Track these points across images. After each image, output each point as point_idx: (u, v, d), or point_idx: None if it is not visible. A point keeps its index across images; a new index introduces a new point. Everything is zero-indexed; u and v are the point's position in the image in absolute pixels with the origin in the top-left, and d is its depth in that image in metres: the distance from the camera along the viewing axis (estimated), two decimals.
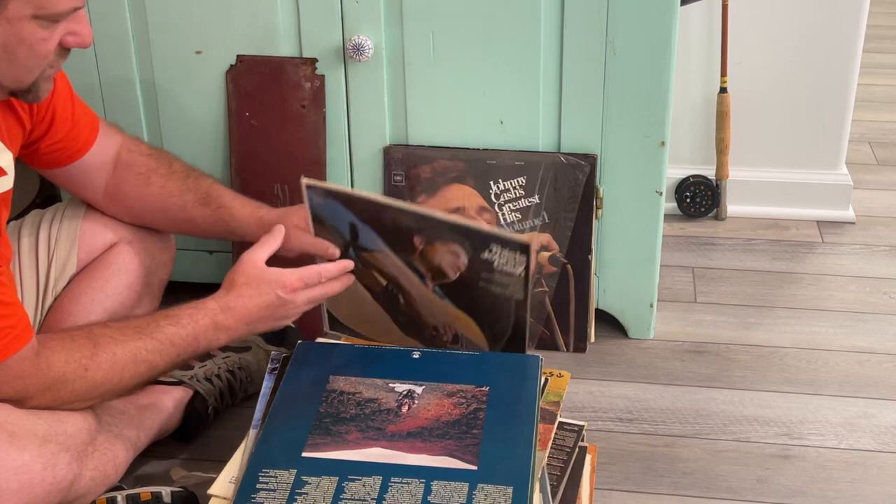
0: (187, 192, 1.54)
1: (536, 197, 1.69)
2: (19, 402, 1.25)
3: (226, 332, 1.38)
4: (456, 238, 1.33)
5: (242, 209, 1.53)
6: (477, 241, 1.32)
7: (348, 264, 1.41)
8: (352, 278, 1.42)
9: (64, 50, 1.22)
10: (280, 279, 1.36)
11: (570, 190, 1.68)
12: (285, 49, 1.69)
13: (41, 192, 1.94)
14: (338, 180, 1.76)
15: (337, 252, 1.44)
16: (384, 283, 1.43)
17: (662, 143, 1.65)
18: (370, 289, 1.45)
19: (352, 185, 1.77)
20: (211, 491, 1.23)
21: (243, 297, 1.36)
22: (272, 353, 1.43)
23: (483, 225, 1.48)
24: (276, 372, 1.40)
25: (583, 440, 1.37)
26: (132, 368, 1.31)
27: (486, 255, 1.32)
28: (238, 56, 1.70)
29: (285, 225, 1.47)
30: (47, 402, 1.28)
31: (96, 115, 1.50)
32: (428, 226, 1.34)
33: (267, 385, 1.38)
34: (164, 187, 1.53)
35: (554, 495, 1.27)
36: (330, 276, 1.39)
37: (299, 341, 1.42)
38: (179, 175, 1.54)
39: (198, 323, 1.35)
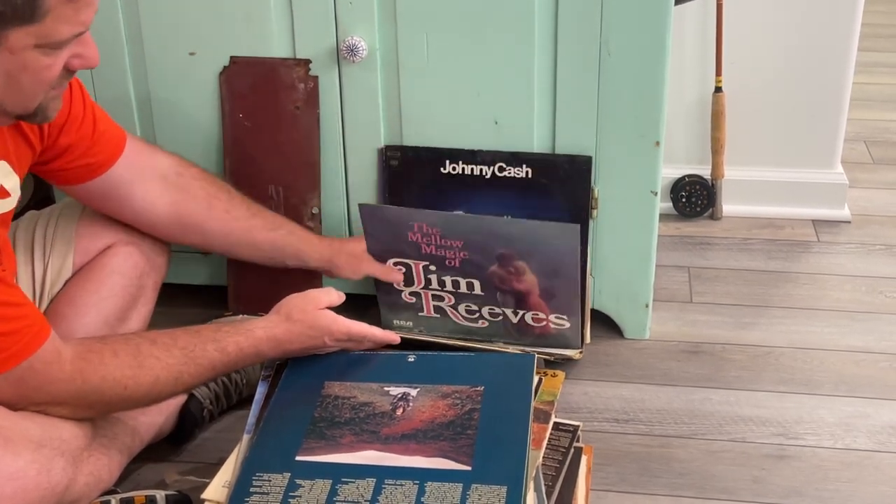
0: (254, 218, 1.61)
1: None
2: (54, 407, 1.27)
3: (262, 359, 1.41)
4: None
5: (312, 236, 1.66)
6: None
7: (395, 338, 1.46)
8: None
9: (69, 71, 1.21)
10: (331, 327, 1.40)
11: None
12: (279, 50, 1.69)
13: (35, 195, 1.94)
14: (333, 181, 1.76)
15: (401, 278, 1.67)
16: None
17: (657, 143, 1.65)
18: None
19: (346, 187, 1.77)
20: (204, 495, 1.23)
21: (292, 335, 1.39)
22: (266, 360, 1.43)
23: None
24: (270, 379, 1.40)
25: (578, 441, 1.37)
26: (171, 389, 1.34)
27: None
28: (231, 57, 1.70)
29: (356, 251, 1.66)
30: (82, 411, 1.30)
31: (123, 131, 1.50)
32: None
33: (261, 391, 1.38)
34: (229, 212, 1.59)
35: (549, 496, 1.27)
36: (373, 341, 1.44)
37: None
38: (240, 201, 1.61)
39: (242, 351, 1.37)
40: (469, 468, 1.20)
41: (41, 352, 1.21)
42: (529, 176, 1.68)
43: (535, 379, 1.36)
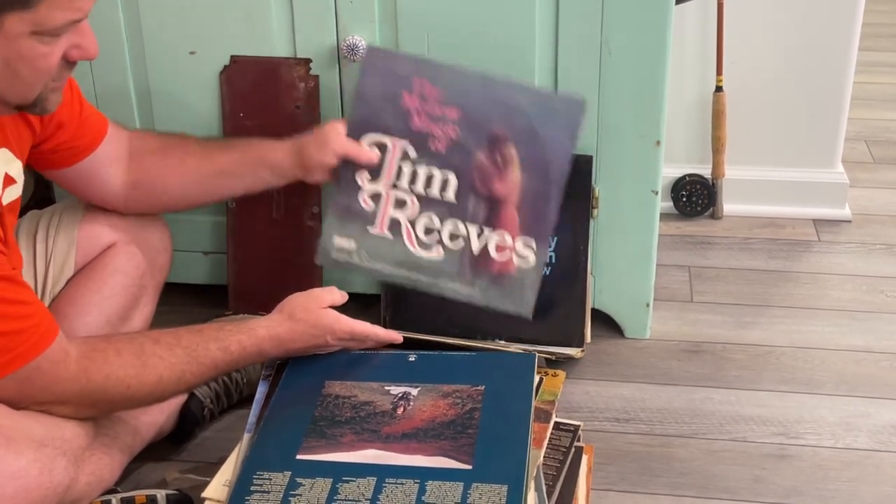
0: (210, 149, 1.55)
1: None
2: (58, 406, 1.27)
3: (265, 358, 1.41)
4: None
5: (272, 141, 1.54)
6: None
7: (397, 337, 1.45)
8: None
9: (69, 63, 1.21)
10: (334, 326, 1.39)
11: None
12: (279, 49, 1.69)
13: (35, 195, 1.94)
14: None
15: (375, 158, 1.50)
16: None
17: (658, 143, 1.65)
18: None
19: None
20: (205, 494, 1.23)
21: (294, 334, 1.38)
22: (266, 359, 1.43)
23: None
24: (270, 378, 1.40)
25: (579, 440, 1.37)
26: (174, 388, 1.34)
27: None
28: (232, 57, 1.70)
29: (323, 133, 1.50)
30: (85, 410, 1.30)
31: (104, 116, 1.50)
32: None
33: (261, 391, 1.38)
34: (183, 156, 1.54)
35: (550, 495, 1.27)
36: (376, 340, 1.43)
37: None
38: (195, 141, 1.57)
39: (245, 350, 1.37)
40: (470, 467, 1.20)
41: (49, 351, 1.21)
42: None
43: (536, 378, 1.36)
